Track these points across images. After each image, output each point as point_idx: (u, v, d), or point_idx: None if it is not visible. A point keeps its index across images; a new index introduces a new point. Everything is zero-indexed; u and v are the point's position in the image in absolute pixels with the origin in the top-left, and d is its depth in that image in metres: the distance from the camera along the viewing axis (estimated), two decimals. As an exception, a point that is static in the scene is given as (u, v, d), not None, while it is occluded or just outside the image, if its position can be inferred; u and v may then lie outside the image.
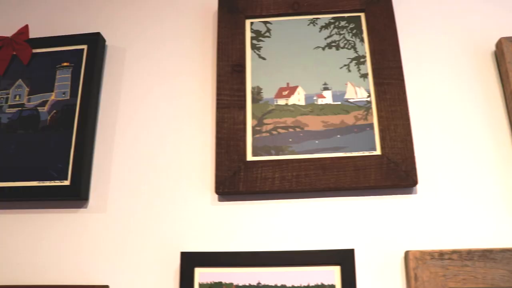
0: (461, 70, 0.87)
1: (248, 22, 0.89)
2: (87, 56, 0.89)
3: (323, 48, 0.86)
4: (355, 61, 0.85)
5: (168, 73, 0.91)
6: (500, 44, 0.86)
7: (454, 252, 0.76)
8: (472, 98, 0.86)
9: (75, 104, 0.86)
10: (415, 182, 0.78)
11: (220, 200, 0.81)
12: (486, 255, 0.76)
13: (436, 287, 0.74)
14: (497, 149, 0.83)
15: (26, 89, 0.89)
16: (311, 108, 0.83)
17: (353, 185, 0.78)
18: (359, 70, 0.85)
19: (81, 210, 0.84)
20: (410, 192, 0.80)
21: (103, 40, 0.92)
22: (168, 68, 0.91)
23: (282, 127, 0.82)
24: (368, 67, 0.85)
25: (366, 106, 0.82)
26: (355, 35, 0.87)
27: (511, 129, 0.83)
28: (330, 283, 0.74)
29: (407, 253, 0.76)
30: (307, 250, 0.75)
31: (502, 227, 0.79)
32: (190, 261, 0.76)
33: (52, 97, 0.88)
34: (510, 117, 0.84)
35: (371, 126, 0.81)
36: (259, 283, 0.75)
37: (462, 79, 0.87)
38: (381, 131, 0.80)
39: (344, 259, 0.74)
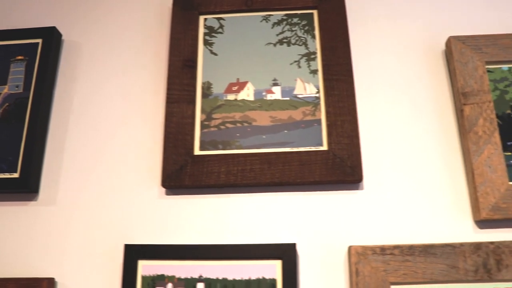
0: (411, 68, 0.88)
1: (201, 18, 0.90)
2: (41, 50, 0.89)
3: (275, 45, 0.87)
4: (306, 58, 0.86)
5: (122, 68, 0.91)
6: (449, 43, 0.87)
7: (395, 247, 0.76)
8: (421, 96, 0.86)
9: (28, 98, 0.87)
10: (360, 178, 0.79)
11: (167, 194, 0.82)
12: (427, 250, 0.76)
13: (377, 282, 0.75)
14: (443, 147, 0.83)
15: (-21, 82, 0.90)
16: (260, 103, 0.83)
17: (297, 180, 0.78)
18: (309, 66, 0.85)
19: (31, 203, 0.84)
20: (356, 188, 0.81)
21: (59, 34, 0.92)
22: (123, 63, 0.91)
23: (230, 122, 0.83)
24: (318, 64, 0.85)
25: (315, 102, 0.83)
26: (307, 31, 0.88)
27: (458, 127, 0.84)
28: (271, 277, 0.74)
29: (349, 248, 0.76)
30: (248, 244, 0.76)
31: (444, 223, 0.79)
32: (134, 253, 0.76)
33: (5, 90, 0.88)
34: (457, 114, 0.85)
35: (318, 121, 0.82)
36: (200, 276, 0.75)
37: (412, 77, 0.88)
38: (328, 126, 0.81)
39: (285, 253, 0.75)
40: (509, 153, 0.82)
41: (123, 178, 0.83)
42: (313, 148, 0.80)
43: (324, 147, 0.80)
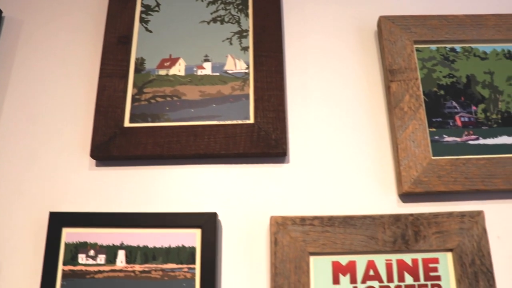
0: (344, 46, 0.90)
1: (140, -4, 0.92)
2: (-18, 26, 0.91)
3: (208, 23, 0.89)
4: (238, 35, 0.88)
5: (62, 44, 0.93)
6: (379, 23, 0.89)
7: (315, 218, 0.77)
8: (352, 73, 0.88)
9: (-33, 72, 0.88)
10: (284, 151, 0.80)
11: (97, 165, 0.83)
12: (347, 221, 0.77)
13: (295, 251, 0.76)
14: (371, 122, 0.85)
15: None
16: (190, 78, 0.85)
17: (222, 151, 0.79)
18: (240, 43, 0.87)
19: (-35, 174, 0.85)
20: (282, 162, 0.82)
21: None
22: (63, 39, 0.93)
23: (161, 96, 0.84)
24: (249, 41, 0.87)
25: (244, 77, 0.85)
26: (240, 10, 0.90)
27: (386, 103, 0.86)
28: (191, 245, 0.76)
29: (270, 218, 0.77)
30: (169, 212, 0.77)
31: (369, 196, 0.81)
32: (58, 221, 0.77)
33: None
34: (386, 91, 0.86)
35: (246, 96, 0.83)
36: (122, 243, 0.76)
37: (344, 55, 0.89)
38: (255, 101, 0.82)
39: (205, 223, 0.76)
40: (434, 129, 0.83)
41: (55, 149, 0.85)
42: (239, 122, 0.82)
43: (251, 120, 0.82)
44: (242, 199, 0.80)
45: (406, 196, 0.81)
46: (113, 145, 0.81)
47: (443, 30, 0.88)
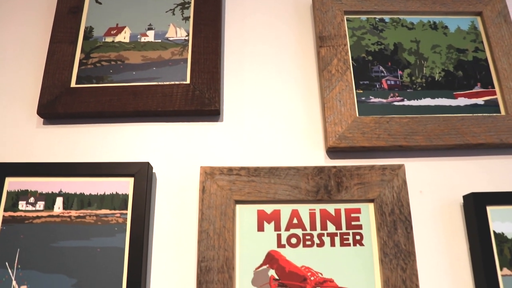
0: (281, 18, 0.96)
1: (92, -28, 0.99)
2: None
3: (154, -5, 0.96)
4: (180, 6, 0.95)
5: (13, 13, 0.99)
6: (314, -6, 0.95)
7: (242, 168, 0.82)
8: (287, 41, 0.94)
9: None
10: (217, 108, 0.85)
11: (45, 123, 0.89)
12: (272, 172, 0.82)
13: (222, 199, 0.80)
14: (303, 85, 0.90)
15: None
16: (134, 44, 0.91)
17: (159, 108, 0.85)
18: (182, 13, 0.94)
19: None
20: (216, 120, 0.88)
21: (-34, -11, 1.02)
22: (15, 9, 1.00)
23: (106, 60, 0.90)
24: (191, 11, 0.94)
25: (184, 43, 0.91)
26: (184, -16, 0.97)
27: (317, 67, 0.91)
28: (124, 193, 0.80)
29: (200, 169, 0.82)
30: (104, 162, 0.82)
31: (299, 152, 0.85)
32: (2, 171, 0.82)
33: None
34: (317, 56, 0.92)
35: (185, 60, 0.89)
36: (60, 191, 0.81)
37: (281, 25, 0.96)
38: (192, 64, 0.88)
39: (138, 171, 0.81)
40: (361, 91, 0.88)
41: (5, 109, 0.90)
42: (176, 82, 0.87)
43: (187, 81, 0.87)
44: (176, 152, 0.85)
45: (332, 152, 0.85)
46: (59, 103, 0.87)
47: (372, 2, 0.94)
